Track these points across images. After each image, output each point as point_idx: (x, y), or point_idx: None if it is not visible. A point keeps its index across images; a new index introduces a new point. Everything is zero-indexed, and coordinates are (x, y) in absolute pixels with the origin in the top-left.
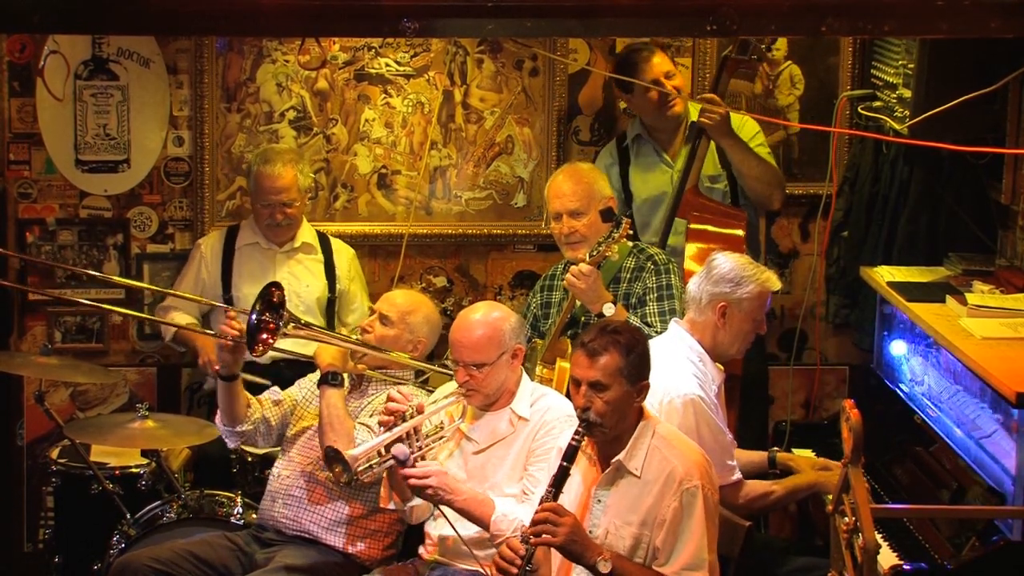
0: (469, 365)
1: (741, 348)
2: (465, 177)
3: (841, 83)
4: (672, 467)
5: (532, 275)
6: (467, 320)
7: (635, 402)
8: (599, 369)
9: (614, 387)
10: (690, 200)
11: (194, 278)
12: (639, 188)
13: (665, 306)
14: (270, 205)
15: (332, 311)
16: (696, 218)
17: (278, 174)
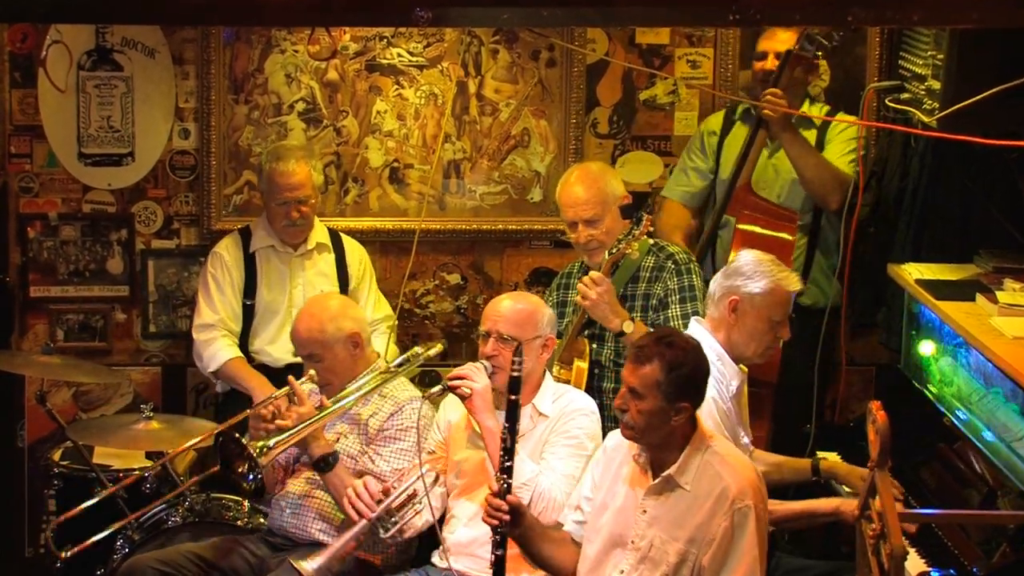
0: (502, 338)
1: (758, 350)
2: (480, 171)
3: (868, 74)
4: (724, 484)
5: (548, 272)
6: (505, 299)
7: (672, 420)
8: (639, 377)
9: (649, 399)
10: (741, 197)
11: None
12: (727, 163)
13: (688, 308)
14: (286, 203)
15: None
16: (746, 217)
17: (292, 171)
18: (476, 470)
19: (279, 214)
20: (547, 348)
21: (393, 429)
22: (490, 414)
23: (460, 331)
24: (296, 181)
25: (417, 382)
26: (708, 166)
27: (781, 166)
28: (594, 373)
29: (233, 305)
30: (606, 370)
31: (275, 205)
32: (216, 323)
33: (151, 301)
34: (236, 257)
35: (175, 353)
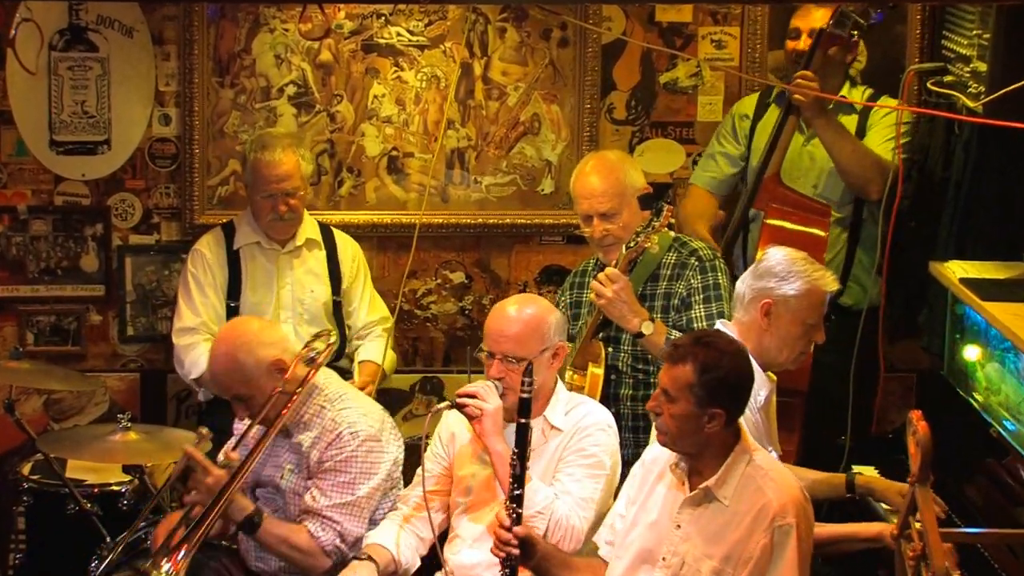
0: (507, 358)
1: (791, 357)
2: (486, 160)
3: (908, 55)
4: (766, 500)
5: (561, 270)
6: (507, 309)
7: (706, 427)
8: (671, 378)
9: (680, 402)
10: (770, 189)
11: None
12: (758, 149)
13: (713, 308)
14: (272, 196)
15: (340, 315)
16: (775, 211)
17: (278, 160)
18: (483, 487)
19: (265, 208)
20: (557, 357)
21: (332, 461)
22: (500, 437)
23: (464, 334)
24: (283, 172)
25: (418, 389)
26: (739, 152)
27: (817, 154)
28: (610, 379)
29: (216, 307)
30: (623, 376)
31: (260, 198)
32: (198, 326)
33: (129, 302)
34: (218, 255)
35: (154, 358)
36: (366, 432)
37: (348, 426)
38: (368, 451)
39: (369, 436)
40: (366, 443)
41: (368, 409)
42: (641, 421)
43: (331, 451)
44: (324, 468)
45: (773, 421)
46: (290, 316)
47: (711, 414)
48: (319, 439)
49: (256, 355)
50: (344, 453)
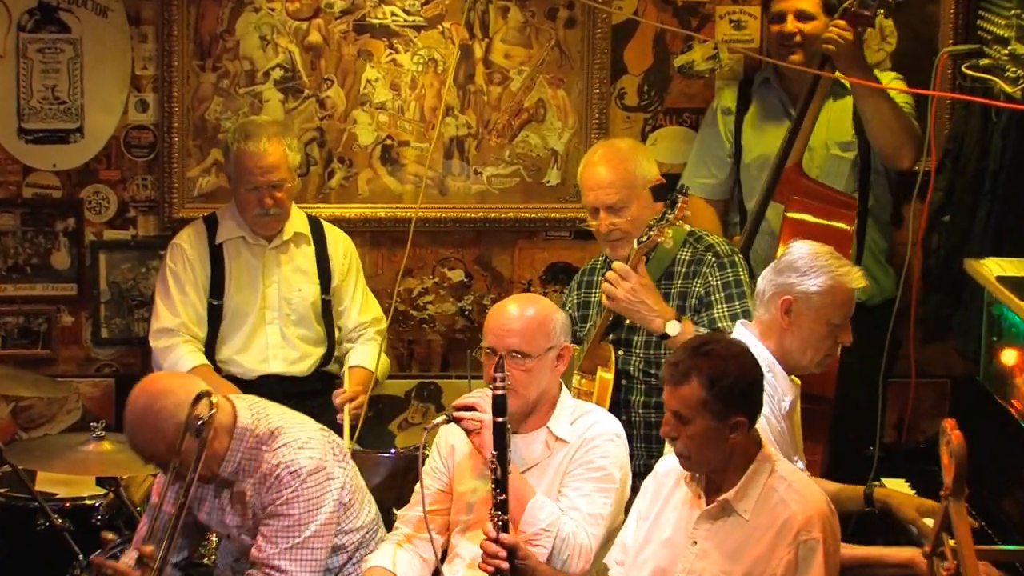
0: (512, 354)
1: (815, 358)
2: (487, 150)
3: (942, 37)
4: (790, 513)
5: (568, 268)
6: (509, 306)
7: (729, 438)
8: (679, 399)
9: (697, 421)
10: (791, 180)
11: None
12: (751, 143)
13: (737, 307)
14: (257, 189)
15: (330, 315)
16: (796, 204)
17: (264, 151)
18: (484, 503)
19: (250, 201)
20: (562, 359)
21: (273, 505)
22: None
23: (464, 336)
24: (269, 163)
25: (414, 396)
26: (727, 150)
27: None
28: (620, 385)
29: (196, 306)
30: (635, 381)
31: (245, 191)
32: (177, 328)
33: (103, 301)
34: (200, 250)
35: (131, 362)
36: (307, 467)
37: (286, 466)
38: (312, 485)
39: (311, 470)
40: (308, 479)
41: (306, 438)
42: (654, 430)
43: (272, 494)
44: (267, 513)
45: (798, 429)
46: (276, 316)
47: (733, 424)
48: (260, 484)
49: (174, 420)
50: (285, 495)
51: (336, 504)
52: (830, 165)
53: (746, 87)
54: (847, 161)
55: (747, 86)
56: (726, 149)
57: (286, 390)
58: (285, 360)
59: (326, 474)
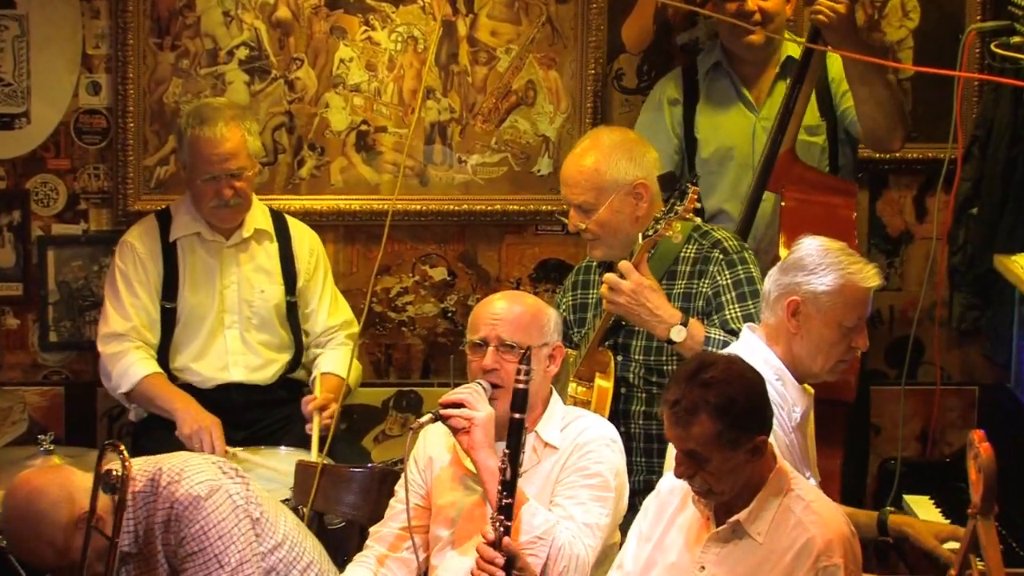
0: (504, 344)
1: (827, 365)
2: (472, 136)
3: (969, 13)
4: (809, 536)
5: (560, 266)
6: (498, 300)
7: (751, 463)
8: (693, 440)
9: (716, 458)
10: (785, 167)
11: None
12: (707, 135)
13: (751, 307)
14: (214, 178)
15: (296, 319)
16: (792, 194)
17: (221, 136)
18: (468, 518)
19: (207, 192)
20: (554, 360)
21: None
22: (491, 451)
23: (446, 340)
24: (227, 149)
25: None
26: (675, 146)
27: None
28: (620, 393)
29: (148, 309)
30: (635, 390)
31: (201, 181)
32: (127, 332)
33: (51, 302)
34: (151, 248)
35: (82, 369)
36: (202, 493)
37: (179, 502)
38: (214, 509)
39: (208, 494)
40: (208, 504)
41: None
42: (655, 443)
43: (179, 536)
44: (181, 558)
45: (811, 442)
46: (236, 321)
47: (752, 448)
48: (164, 534)
49: (55, 522)
50: (191, 531)
51: (248, 522)
52: (798, 151)
53: (691, 74)
54: (816, 146)
55: (692, 73)
56: (674, 144)
57: (248, 399)
58: (246, 367)
59: (225, 493)
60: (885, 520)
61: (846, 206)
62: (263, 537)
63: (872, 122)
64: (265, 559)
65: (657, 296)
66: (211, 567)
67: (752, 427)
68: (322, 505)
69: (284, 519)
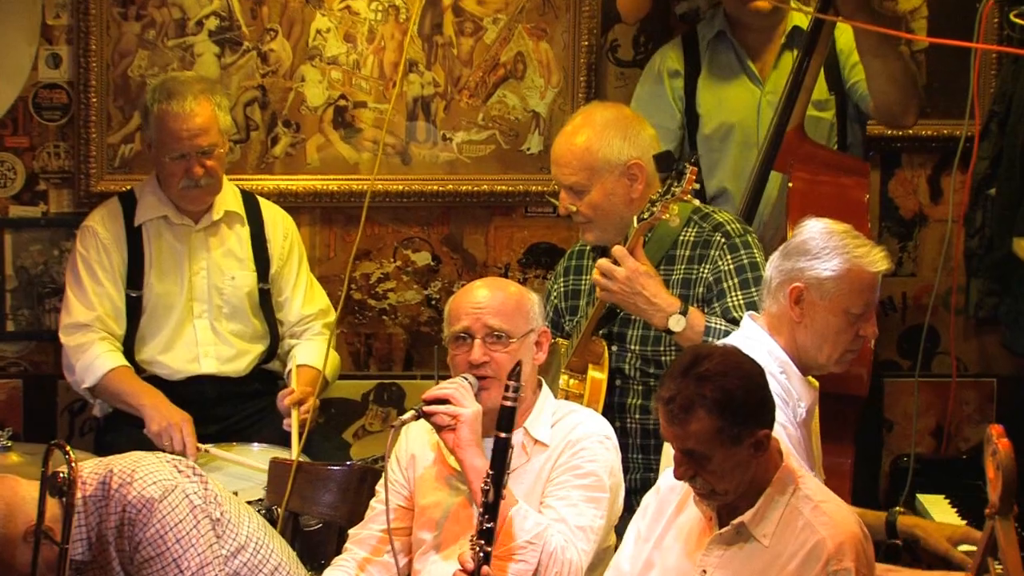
0: (492, 334)
1: (834, 355)
2: (457, 112)
3: None
4: (818, 539)
5: (551, 250)
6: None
7: (754, 460)
8: (692, 437)
9: (717, 455)
10: (793, 145)
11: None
12: (709, 110)
13: (754, 294)
14: (183, 156)
15: (269, 307)
16: (801, 174)
17: (190, 111)
18: (453, 520)
19: (175, 172)
20: (540, 347)
21: (140, 550)
22: (479, 450)
23: (430, 330)
24: (197, 125)
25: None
26: (677, 121)
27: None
28: (615, 386)
29: (113, 298)
30: (631, 382)
31: (170, 160)
32: (91, 322)
33: (9, 289)
34: (115, 233)
35: (41, 361)
36: (156, 494)
37: (132, 505)
38: (170, 511)
39: (162, 495)
40: (163, 506)
41: (145, 466)
42: (652, 439)
43: (135, 539)
44: (138, 565)
45: (816, 438)
46: (206, 309)
47: (755, 442)
48: (118, 540)
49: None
50: (147, 535)
51: (208, 523)
52: (806, 128)
53: (692, 44)
54: (825, 122)
55: (693, 43)
56: (676, 119)
57: (221, 392)
58: (218, 359)
59: (181, 493)
60: (894, 521)
61: (858, 187)
62: (225, 539)
63: (884, 97)
64: (228, 563)
65: (654, 283)
66: (170, 572)
67: (753, 421)
68: (298, 505)
69: (248, 519)
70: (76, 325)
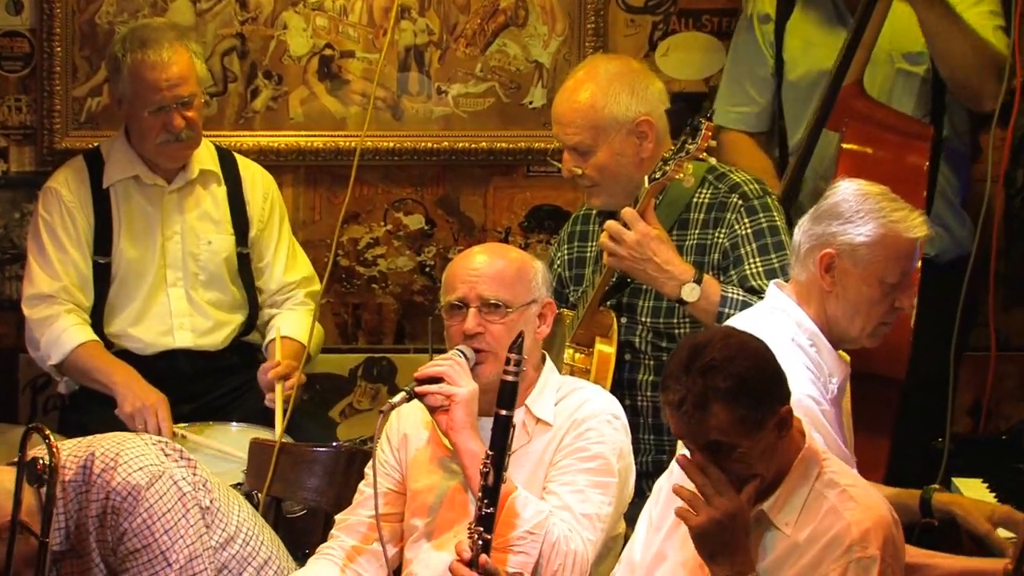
0: (488, 304)
1: (867, 328)
2: (453, 62)
3: None
4: (843, 525)
5: (556, 213)
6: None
7: (780, 439)
8: (714, 430)
9: (743, 443)
10: (849, 102)
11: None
12: (795, 55)
13: (774, 260)
14: (163, 109)
15: (248, 274)
16: (855, 132)
17: (167, 60)
18: (448, 505)
19: (153, 126)
20: (544, 319)
21: (125, 541)
22: (474, 432)
23: (424, 299)
24: (175, 74)
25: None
26: (770, 67)
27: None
28: (624, 361)
29: (79, 266)
30: (642, 356)
31: (148, 113)
32: (56, 293)
33: None
34: (81, 196)
35: (2, 333)
36: (143, 481)
37: (117, 492)
38: (157, 499)
39: (149, 482)
40: (150, 494)
41: (130, 449)
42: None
43: (119, 529)
44: (122, 556)
45: (848, 419)
46: (180, 277)
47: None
48: (100, 530)
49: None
50: (132, 525)
51: (197, 511)
52: (894, 83)
53: None
54: (916, 77)
55: None
56: (768, 66)
57: (196, 367)
58: (194, 331)
59: (169, 479)
60: (929, 499)
61: (917, 152)
62: (214, 528)
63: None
64: (217, 554)
65: (666, 248)
66: (157, 566)
67: (772, 400)
68: (280, 490)
69: (238, 508)
70: (40, 296)
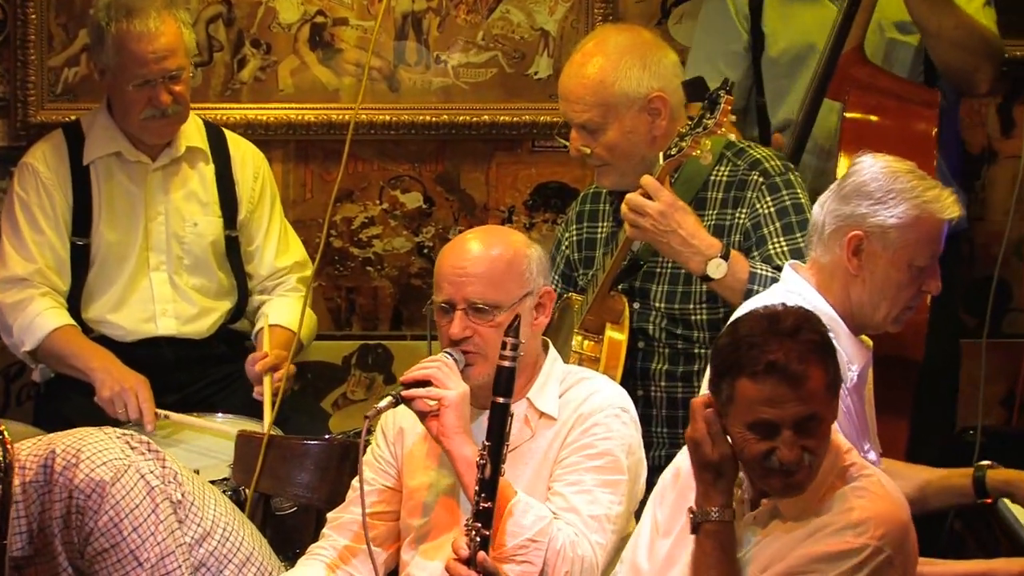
0: (475, 307)
1: (892, 313)
2: (453, 30)
3: None
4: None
5: (563, 191)
6: (469, 242)
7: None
8: (811, 399)
9: (829, 415)
10: (850, 70)
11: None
12: (776, 29)
13: (799, 240)
14: (150, 83)
15: (237, 258)
16: (858, 101)
17: (155, 30)
18: (446, 505)
19: (138, 101)
20: (542, 309)
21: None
22: (467, 436)
23: (422, 283)
24: (163, 45)
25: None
26: (743, 42)
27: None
28: (636, 349)
29: (56, 247)
30: (656, 344)
31: (133, 87)
32: (30, 276)
33: None
34: (59, 172)
35: None
36: (107, 477)
37: (80, 490)
38: (124, 495)
39: (114, 478)
40: (116, 491)
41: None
42: (680, 409)
43: (85, 528)
44: (90, 557)
45: (870, 407)
46: (164, 260)
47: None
48: (65, 531)
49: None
50: (98, 524)
51: (168, 505)
52: (886, 53)
53: None
54: (908, 47)
55: None
56: (742, 40)
57: (180, 356)
58: (177, 318)
59: (135, 473)
60: (983, 477)
61: (926, 119)
62: (188, 524)
63: (948, 61)
64: (192, 551)
65: (692, 220)
66: (127, 566)
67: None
68: (269, 486)
69: (214, 502)
70: (13, 279)
